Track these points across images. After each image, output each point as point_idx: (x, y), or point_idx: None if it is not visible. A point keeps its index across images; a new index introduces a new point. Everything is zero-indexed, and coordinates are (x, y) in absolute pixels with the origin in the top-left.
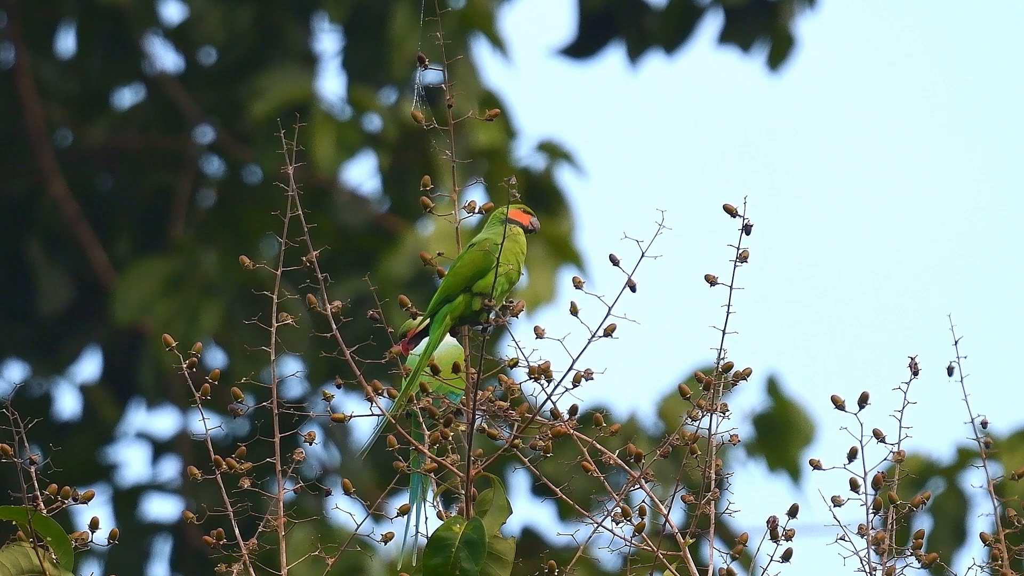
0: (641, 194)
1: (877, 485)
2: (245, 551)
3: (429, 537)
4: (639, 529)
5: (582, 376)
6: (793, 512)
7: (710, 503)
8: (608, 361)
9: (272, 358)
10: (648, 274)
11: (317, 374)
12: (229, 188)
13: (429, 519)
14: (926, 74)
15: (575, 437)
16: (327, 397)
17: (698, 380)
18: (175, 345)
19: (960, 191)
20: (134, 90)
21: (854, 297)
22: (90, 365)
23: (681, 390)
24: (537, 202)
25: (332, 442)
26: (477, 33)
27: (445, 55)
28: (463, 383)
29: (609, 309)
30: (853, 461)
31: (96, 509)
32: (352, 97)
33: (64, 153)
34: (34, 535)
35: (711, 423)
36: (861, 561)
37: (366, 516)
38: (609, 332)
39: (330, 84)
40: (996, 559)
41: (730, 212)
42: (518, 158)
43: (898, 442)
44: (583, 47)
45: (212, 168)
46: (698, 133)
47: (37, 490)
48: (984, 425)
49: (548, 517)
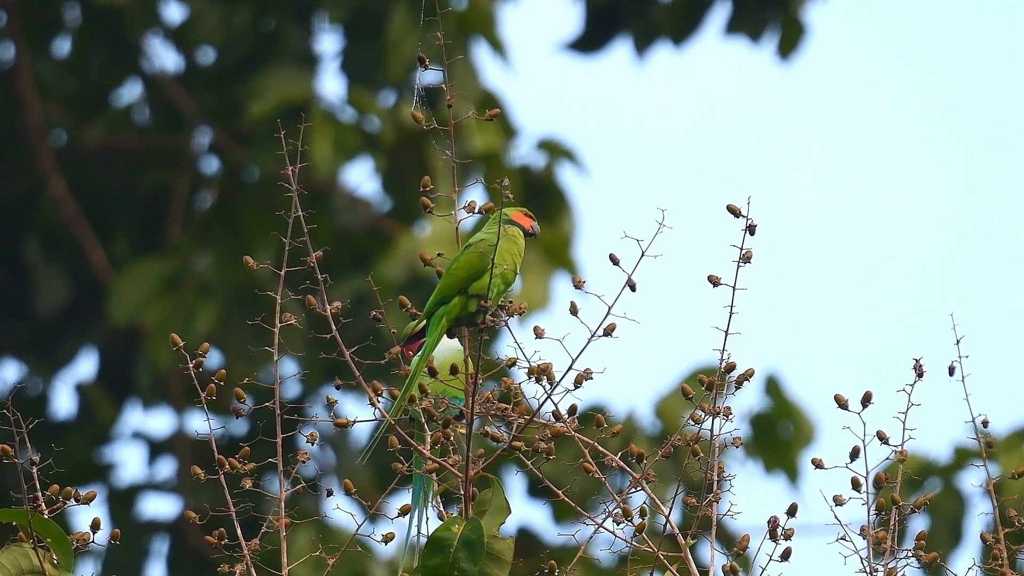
0: (646, 191)
1: (879, 485)
2: (247, 551)
3: (428, 537)
4: (639, 529)
5: (583, 376)
6: (792, 511)
7: (711, 505)
8: (606, 361)
9: (275, 358)
10: (648, 274)
11: (313, 375)
12: (228, 189)
13: (430, 520)
14: (936, 68)
15: (576, 438)
16: (331, 402)
17: (701, 382)
18: (182, 345)
19: (962, 191)
20: (133, 90)
21: (854, 297)
22: (86, 365)
23: (684, 391)
24: (537, 201)
25: (328, 442)
26: (477, 35)
27: (445, 56)
28: (463, 385)
29: (609, 308)
30: (855, 460)
31: (92, 509)
32: (352, 99)
33: (63, 153)
34: (34, 536)
35: (713, 425)
36: (861, 561)
37: (366, 517)
38: (609, 332)
39: (329, 85)
40: (995, 559)
41: (734, 212)
42: (517, 158)
43: (901, 444)
44: (590, 41)
45: (211, 168)
46: (701, 131)
47: (38, 490)
48: (985, 424)
49: (544, 517)
